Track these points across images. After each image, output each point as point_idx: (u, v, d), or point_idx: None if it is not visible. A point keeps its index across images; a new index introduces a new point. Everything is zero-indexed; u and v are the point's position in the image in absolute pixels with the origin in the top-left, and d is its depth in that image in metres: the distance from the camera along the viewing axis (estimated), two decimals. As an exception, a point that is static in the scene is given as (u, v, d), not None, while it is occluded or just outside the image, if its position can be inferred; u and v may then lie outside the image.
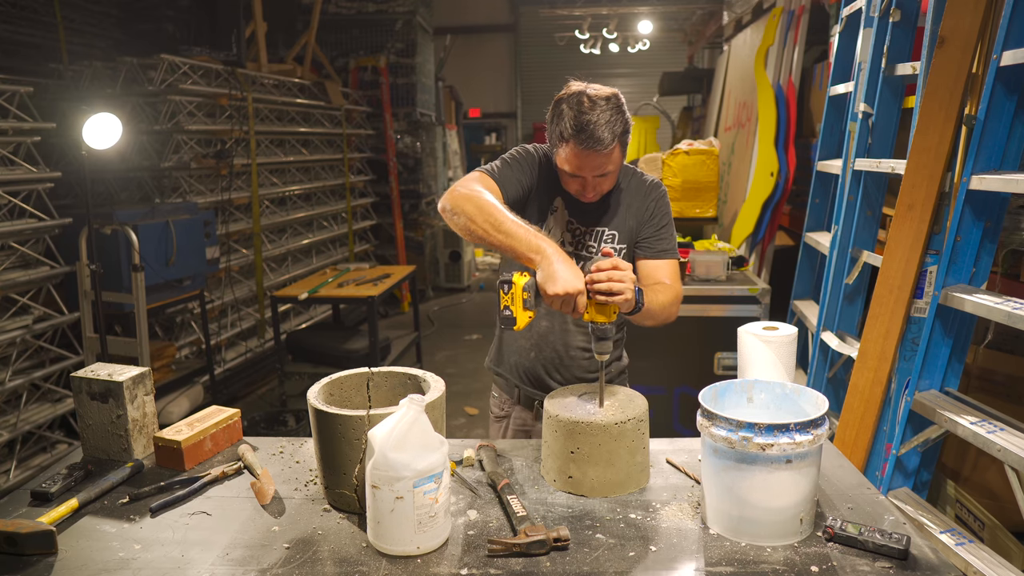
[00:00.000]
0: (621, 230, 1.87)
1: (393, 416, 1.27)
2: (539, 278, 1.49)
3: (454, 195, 1.64)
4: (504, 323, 1.52)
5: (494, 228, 1.54)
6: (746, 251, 4.83)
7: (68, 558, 1.28)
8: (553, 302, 1.47)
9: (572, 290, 1.45)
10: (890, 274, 2.45)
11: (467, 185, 1.67)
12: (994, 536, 2.24)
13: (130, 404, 1.64)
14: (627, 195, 1.88)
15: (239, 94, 5.14)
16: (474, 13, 12.99)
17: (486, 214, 1.56)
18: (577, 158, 1.67)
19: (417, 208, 8.43)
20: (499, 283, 1.52)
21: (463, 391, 5.25)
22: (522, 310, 1.50)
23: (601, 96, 1.67)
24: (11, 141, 3.35)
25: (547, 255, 1.48)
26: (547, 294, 1.47)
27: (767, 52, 5.01)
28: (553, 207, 1.86)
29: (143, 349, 3.67)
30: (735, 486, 1.31)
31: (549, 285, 1.46)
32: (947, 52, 2.26)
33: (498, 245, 1.55)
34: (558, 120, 1.68)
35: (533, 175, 1.83)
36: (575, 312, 1.49)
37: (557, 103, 1.70)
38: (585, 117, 1.63)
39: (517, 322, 1.51)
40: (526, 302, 1.50)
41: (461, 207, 1.60)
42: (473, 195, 1.61)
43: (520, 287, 1.49)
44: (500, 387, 2.08)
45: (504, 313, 1.51)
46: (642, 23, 10.59)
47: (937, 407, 2.18)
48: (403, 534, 1.26)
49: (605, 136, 1.63)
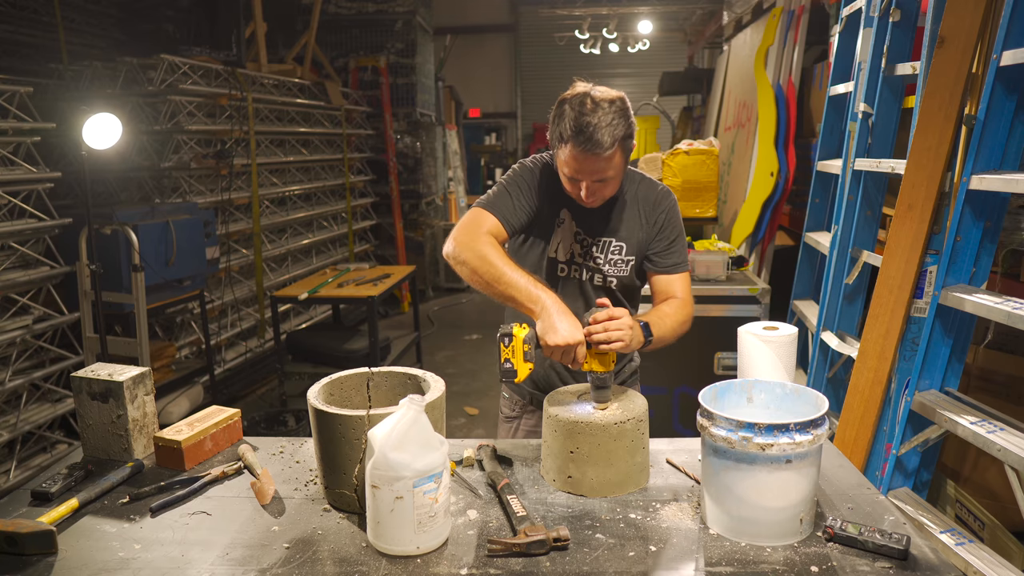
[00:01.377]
0: (629, 241, 1.84)
1: (393, 416, 1.27)
2: (539, 329, 1.52)
3: (457, 242, 1.67)
4: (505, 376, 1.54)
5: (495, 279, 1.59)
6: (746, 251, 4.83)
7: (68, 558, 1.28)
8: (553, 353, 1.51)
9: (572, 341, 1.49)
10: (890, 274, 2.45)
11: (468, 229, 1.68)
12: (994, 536, 2.23)
13: (130, 404, 1.64)
14: (635, 203, 1.85)
15: (239, 94, 5.13)
16: (474, 13, 12.99)
17: (487, 265, 1.60)
18: (576, 160, 1.65)
19: (417, 208, 8.42)
20: (499, 336, 1.53)
21: (463, 391, 5.25)
22: (523, 362, 1.53)
23: (605, 99, 1.64)
24: (11, 141, 3.35)
25: (546, 306, 1.52)
26: (547, 345, 1.50)
27: (767, 52, 5.00)
28: (560, 219, 1.83)
29: (143, 349, 3.67)
30: (735, 486, 1.31)
31: (549, 336, 1.49)
32: (947, 52, 2.26)
33: (500, 296, 1.59)
34: (559, 120, 1.66)
35: (535, 194, 1.80)
36: (575, 363, 1.52)
37: (560, 103, 1.68)
38: (585, 119, 1.60)
39: (518, 375, 1.54)
40: (527, 354, 1.53)
41: (464, 258, 1.64)
42: (474, 243, 1.64)
43: (521, 340, 1.52)
44: (512, 389, 2.06)
45: (505, 366, 1.53)
46: (642, 23, 10.59)
47: (937, 407, 2.18)
48: (403, 534, 1.26)
49: (605, 139, 1.60)
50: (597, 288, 1.87)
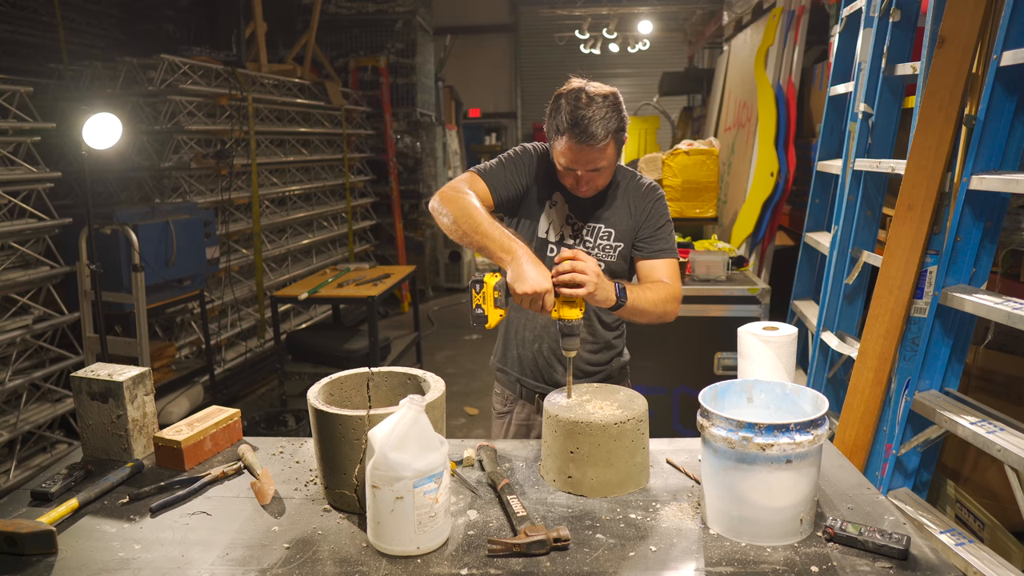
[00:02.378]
0: (618, 228, 1.91)
1: (393, 416, 1.27)
2: (508, 277, 1.57)
3: (443, 195, 1.75)
4: (476, 321, 1.59)
5: (472, 229, 1.65)
6: (746, 251, 4.83)
7: (68, 558, 1.28)
8: (522, 300, 1.55)
9: (540, 289, 1.53)
10: (890, 274, 2.45)
11: (456, 186, 1.77)
12: (994, 536, 2.23)
13: (130, 404, 1.64)
14: (626, 194, 1.93)
15: (239, 94, 5.13)
16: (474, 13, 12.99)
17: (467, 215, 1.67)
18: (571, 151, 1.73)
19: (417, 208, 8.42)
20: (471, 283, 1.59)
21: (463, 391, 5.25)
22: (493, 308, 1.58)
23: (599, 93, 1.72)
24: (11, 141, 3.35)
25: (517, 256, 1.58)
26: (516, 292, 1.55)
27: (767, 52, 5.01)
28: (553, 200, 1.91)
29: (143, 349, 3.67)
30: (735, 486, 1.30)
31: (518, 284, 1.54)
32: (947, 52, 2.26)
33: (475, 245, 1.65)
34: (556, 114, 1.74)
35: (529, 173, 1.89)
36: (543, 310, 1.56)
37: (557, 98, 1.76)
38: (581, 112, 1.68)
39: (489, 320, 1.59)
40: (497, 300, 1.58)
41: (447, 207, 1.71)
42: (459, 197, 1.72)
43: (491, 286, 1.57)
44: (502, 383, 2.12)
45: (476, 312, 1.58)
46: (642, 23, 10.59)
47: (937, 407, 2.18)
48: (403, 534, 1.26)
49: (599, 131, 1.69)
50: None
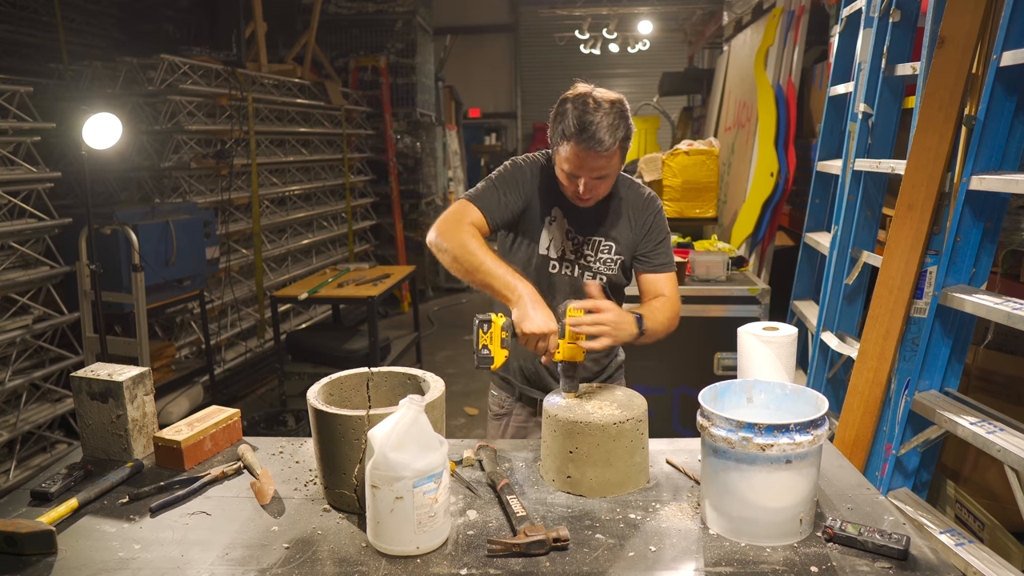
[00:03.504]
0: (619, 241, 1.90)
1: (393, 416, 1.27)
2: (515, 317, 1.57)
3: (441, 231, 1.73)
4: (482, 362, 1.59)
5: (475, 268, 1.65)
6: (746, 251, 4.83)
7: (68, 558, 1.28)
8: (528, 341, 1.56)
9: (546, 330, 1.55)
10: (890, 274, 2.45)
11: (452, 220, 1.74)
12: (994, 536, 2.23)
13: (130, 404, 1.64)
14: (625, 205, 1.90)
15: (239, 94, 5.13)
16: (474, 13, 12.99)
17: (468, 253, 1.66)
18: (577, 157, 1.70)
19: (417, 208, 8.42)
20: (478, 323, 1.57)
21: (463, 391, 5.25)
22: (499, 349, 1.58)
23: (606, 99, 1.69)
24: (11, 141, 3.35)
25: (522, 296, 1.58)
26: (522, 333, 1.56)
27: (767, 52, 5.01)
28: (551, 216, 1.87)
29: (143, 349, 3.67)
30: (735, 486, 1.30)
31: (525, 324, 1.55)
32: (947, 52, 2.26)
33: (477, 283, 1.66)
34: (561, 119, 1.71)
35: (524, 190, 1.85)
36: (547, 352, 1.57)
37: (562, 102, 1.73)
38: (588, 117, 1.66)
39: (495, 361, 1.59)
40: (504, 341, 1.58)
41: (447, 244, 1.70)
42: (457, 233, 1.70)
43: (499, 327, 1.57)
44: (499, 386, 2.11)
45: (482, 352, 1.58)
46: (642, 23, 10.59)
47: (937, 407, 2.18)
48: (403, 534, 1.26)
49: (606, 138, 1.66)
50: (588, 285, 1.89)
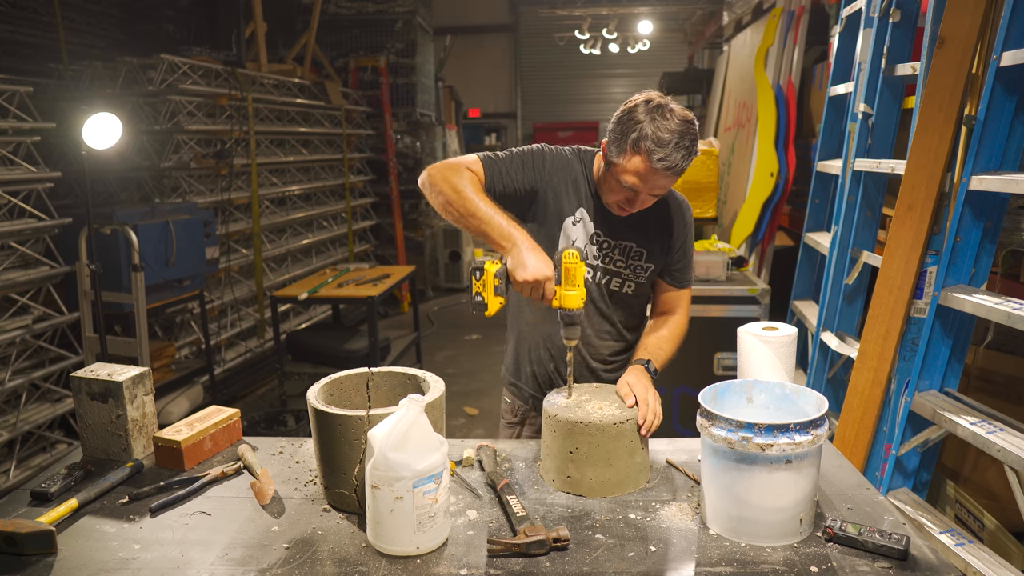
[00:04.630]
0: (650, 249, 1.82)
1: (393, 416, 1.27)
2: (509, 265, 1.54)
3: (438, 172, 1.66)
4: (476, 308, 1.57)
5: (469, 213, 1.59)
6: (746, 251, 4.83)
7: (68, 558, 1.28)
8: (523, 288, 1.52)
9: (540, 277, 1.50)
10: (890, 274, 2.45)
11: (452, 164, 1.68)
12: (994, 536, 2.24)
13: (130, 404, 1.64)
14: (659, 212, 1.81)
15: (239, 94, 5.13)
16: (474, 13, 12.99)
17: (463, 198, 1.60)
18: (645, 174, 1.60)
19: (417, 208, 8.42)
20: (471, 270, 1.56)
21: (463, 391, 5.25)
22: (493, 296, 1.56)
23: (684, 118, 1.60)
24: (11, 141, 3.35)
25: (517, 243, 1.54)
26: (516, 280, 1.52)
27: (767, 52, 5.01)
28: (576, 217, 1.79)
29: (143, 349, 3.67)
30: (735, 486, 1.30)
31: (519, 271, 1.51)
32: (947, 52, 2.26)
33: (471, 229, 1.60)
34: (632, 128, 1.59)
35: (536, 178, 1.77)
36: (544, 299, 1.53)
37: (632, 110, 1.61)
38: (665, 136, 1.56)
39: (488, 307, 1.57)
40: (497, 288, 1.56)
41: (441, 186, 1.63)
42: (453, 177, 1.64)
43: (491, 274, 1.55)
44: (513, 394, 2.04)
45: (476, 299, 1.56)
46: (642, 23, 10.59)
47: (937, 407, 2.18)
48: (403, 534, 1.26)
49: (680, 161, 1.58)
50: (613, 292, 1.85)
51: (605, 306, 1.85)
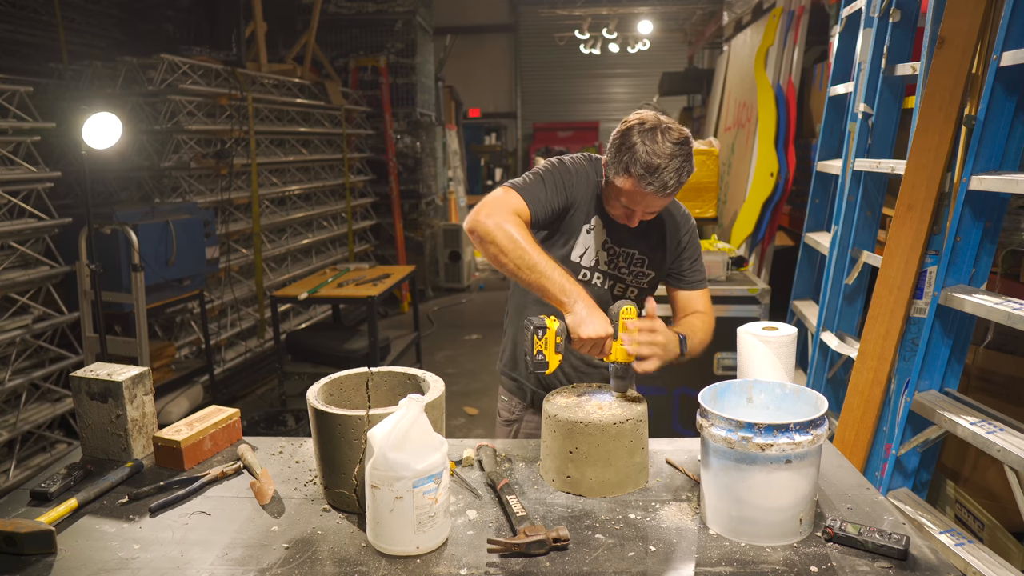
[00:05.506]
0: (651, 257, 1.88)
1: (393, 416, 1.27)
2: (570, 322, 1.56)
3: (485, 221, 1.62)
4: (537, 367, 1.58)
5: (526, 266, 1.59)
6: (746, 251, 4.83)
7: (67, 558, 1.28)
8: (583, 346, 1.56)
9: (603, 334, 1.55)
10: (890, 274, 2.45)
11: (499, 209, 1.65)
12: (994, 536, 2.24)
13: (129, 404, 1.64)
14: (661, 222, 1.88)
15: (239, 94, 5.14)
16: (474, 13, 13.00)
17: (520, 250, 1.59)
18: (638, 196, 1.66)
19: (417, 208, 8.43)
20: (533, 328, 1.55)
21: (463, 391, 5.25)
22: (554, 354, 1.58)
23: (677, 139, 1.62)
24: (11, 141, 3.35)
25: (577, 300, 1.57)
26: (580, 338, 1.55)
27: (767, 52, 5.01)
28: (591, 225, 1.83)
29: (143, 349, 3.67)
30: (734, 486, 1.30)
31: (582, 329, 1.54)
32: (947, 52, 2.26)
33: (527, 281, 1.60)
34: (626, 151, 1.63)
35: (569, 194, 1.78)
36: (602, 354, 1.57)
37: (627, 133, 1.64)
38: (656, 161, 1.59)
39: (550, 366, 1.58)
40: (558, 346, 1.58)
41: (492, 237, 1.60)
42: (505, 225, 1.61)
43: (554, 332, 1.57)
44: (510, 391, 2.05)
45: (537, 358, 1.57)
46: (642, 23, 10.60)
47: (937, 407, 2.18)
48: (402, 534, 1.26)
49: (672, 183, 1.62)
50: (616, 297, 1.89)
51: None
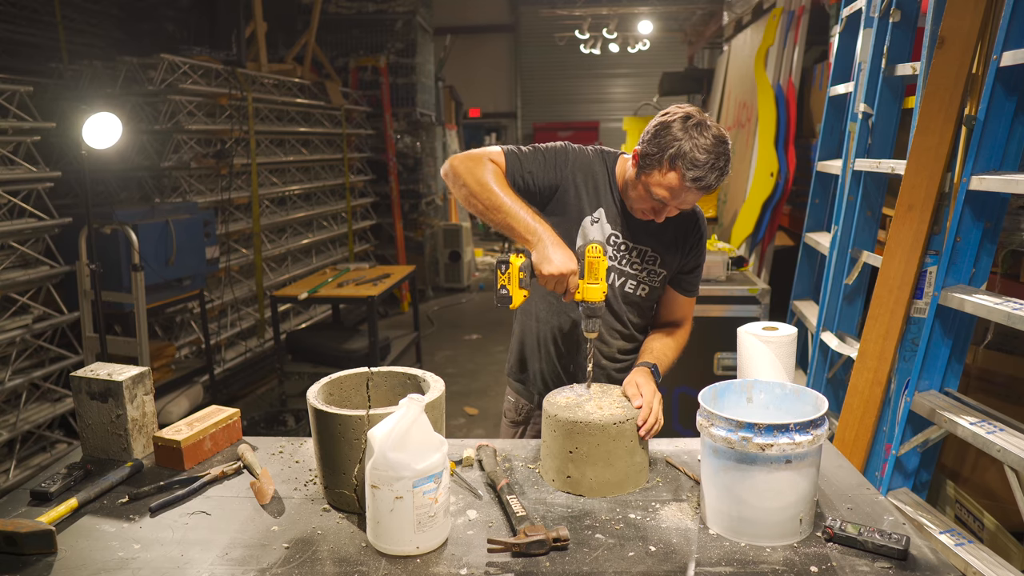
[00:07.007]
0: (665, 256, 1.84)
1: (393, 416, 1.27)
2: (534, 259, 1.56)
3: (462, 163, 1.67)
4: (500, 301, 1.60)
5: (493, 207, 1.61)
6: (746, 251, 4.83)
7: (67, 558, 1.28)
8: (547, 282, 1.55)
9: (566, 270, 1.53)
10: (890, 274, 2.45)
11: (476, 156, 1.69)
12: (994, 537, 2.24)
13: (130, 404, 1.64)
14: (677, 221, 1.82)
15: (239, 94, 5.13)
16: (474, 13, 13.01)
17: (488, 191, 1.62)
18: (677, 190, 1.61)
19: (417, 208, 8.43)
20: (496, 264, 1.58)
21: (463, 391, 5.25)
22: (518, 289, 1.59)
23: (718, 136, 1.59)
24: (11, 141, 3.35)
25: (542, 237, 1.56)
26: (542, 274, 1.55)
27: (767, 52, 5.01)
28: (595, 217, 1.80)
29: (143, 349, 3.67)
30: (735, 486, 1.31)
31: (544, 266, 1.54)
32: (947, 52, 2.26)
33: (495, 222, 1.62)
34: (669, 142, 1.58)
35: (557, 174, 1.77)
36: (567, 293, 1.57)
37: (667, 125, 1.61)
38: (701, 156, 1.56)
39: (513, 300, 1.60)
40: (522, 281, 1.59)
41: (464, 178, 1.65)
42: (479, 169, 1.64)
43: (516, 267, 1.57)
44: (518, 393, 2.03)
45: (500, 292, 1.59)
46: (642, 23, 10.60)
47: (937, 407, 2.18)
48: (402, 534, 1.26)
49: (713, 181, 1.58)
50: (627, 294, 1.85)
51: (618, 307, 1.87)
